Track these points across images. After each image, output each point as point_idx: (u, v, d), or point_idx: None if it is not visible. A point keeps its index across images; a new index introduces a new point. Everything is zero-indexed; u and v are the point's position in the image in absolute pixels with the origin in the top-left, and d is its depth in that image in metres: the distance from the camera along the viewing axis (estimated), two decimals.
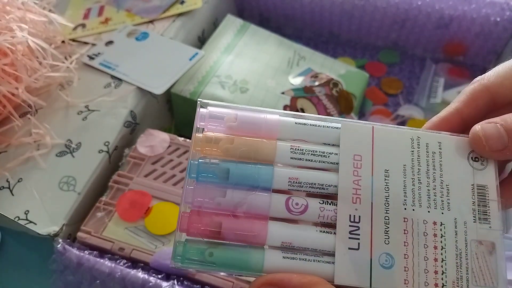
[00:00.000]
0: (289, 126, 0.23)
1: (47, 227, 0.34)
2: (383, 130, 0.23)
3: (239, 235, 0.21)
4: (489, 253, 0.21)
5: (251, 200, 0.21)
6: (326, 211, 0.21)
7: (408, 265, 0.21)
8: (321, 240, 0.21)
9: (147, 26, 0.50)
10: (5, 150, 0.39)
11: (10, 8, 0.41)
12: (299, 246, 0.21)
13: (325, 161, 0.22)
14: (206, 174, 0.21)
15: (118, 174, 0.37)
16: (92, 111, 0.41)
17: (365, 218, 0.21)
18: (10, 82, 0.38)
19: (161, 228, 0.34)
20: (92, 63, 0.45)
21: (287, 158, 0.22)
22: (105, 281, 0.31)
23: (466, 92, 0.24)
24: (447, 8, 0.52)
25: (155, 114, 0.46)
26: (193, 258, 0.20)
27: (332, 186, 0.22)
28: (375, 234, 0.21)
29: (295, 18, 0.59)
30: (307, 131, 0.23)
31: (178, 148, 0.39)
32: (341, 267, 0.20)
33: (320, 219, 0.21)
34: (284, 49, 0.51)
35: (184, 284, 0.31)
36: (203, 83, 0.45)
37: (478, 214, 0.22)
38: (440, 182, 0.22)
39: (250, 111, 0.23)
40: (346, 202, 0.21)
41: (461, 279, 0.21)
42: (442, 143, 0.23)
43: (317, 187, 0.22)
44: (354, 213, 0.21)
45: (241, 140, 0.22)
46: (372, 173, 0.22)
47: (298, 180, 0.22)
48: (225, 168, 0.22)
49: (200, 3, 0.50)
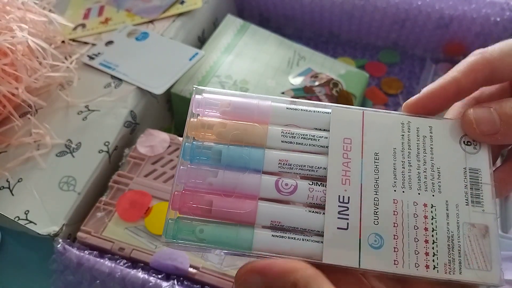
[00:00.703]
0: (280, 111, 0.24)
1: (47, 227, 0.34)
2: (374, 115, 0.23)
3: (229, 213, 0.21)
4: (482, 236, 0.21)
5: (242, 181, 0.22)
6: (315, 192, 0.22)
7: (398, 246, 0.21)
8: (310, 220, 0.21)
9: (147, 26, 0.50)
10: (5, 150, 0.39)
11: (10, 8, 0.41)
12: (288, 226, 0.21)
13: (316, 145, 0.23)
14: (200, 156, 0.22)
15: (118, 174, 0.37)
16: (92, 111, 0.41)
17: (354, 199, 0.21)
18: (10, 82, 0.38)
19: (161, 228, 0.34)
20: (92, 63, 0.45)
21: (278, 141, 0.23)
22: (105, 281, 0.31)
23: (466, 63, 0.23)
24: (447, 8, 0.52)
25: (155, 114, 0.46)
26: (184, 235, 0.21)
27: (322, 168, 0.22)
28: (364, 214, 0.21)
29: (295, 18, 0.59)
30: (298, 116, 0.23)
31: (178, 148, 0.39)
32: (329, 247, 0.20)
33: (310, 199, 0.22)
34: (284, 49, 0.51)
35: (184, 284, 0.31)
36: (203, 83, 0.45)
37: (470, 197, 0.22)
38: (431, 165, 0.22)
39: (243, 97, 0.24)
40: (336, 183, 0.22)
41: (453, 261, 0.21)
42: (433, 127, 0.23)
43: (307, 169, 0.22)
44: (343, 194, 0.21)
45: (234, 124, 0.23)
46: (362, 156, 0.22)
47: (288, 162, 0.22)
48: (217, 150, 0.22)
49: (200, 3, 0.50)
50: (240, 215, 0.21)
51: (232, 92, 0.24)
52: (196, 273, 0.31)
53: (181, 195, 0.21)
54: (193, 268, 0.32)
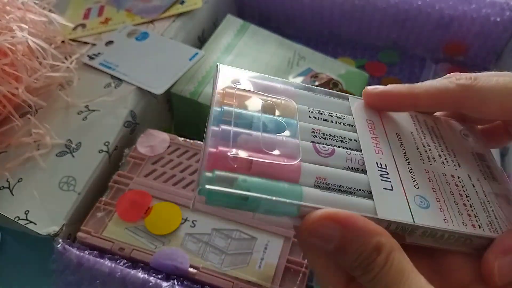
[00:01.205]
0: (303, 94, 0.25)
1: (47, 227, 0.34)
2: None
3: (271, 167, 0.20)
4: (508, 204, 0.23)
5: (279, 141, 0.21)
6: (353, 155, 0.22)
7: (443, 207, 0.21)
8: (355, 179, 0.21)
9: (147, 26, 0.50)
10: (5, 150, 0.39)
11: (10, 8, 0.41)
12: (334, 184, 0.21)
13: (342, 122, 0.24)
14: (230, 119, 0.21)
15: (118, 174, 0.37)
16: (92, 111, 0.41)
17: (391, 166, 0.22)
18: (10, 82, 0.38)
19: (161, 228, 0.34)
20: (92, 63, 0.45)
21: (306, 116, 0.23)
22: (105, 281, 0.31)
23: (438, 87, 0.23)
24: (447, 8, 0.52)
25: (155, 114, 0.46)
26: (223, 187, 0.18)
27: (353, 140, 0.23)
28: (404, 179, 0.22)
29: (295, 18, 0.59)
30: (320, 101, 0.25)
31: (178, 148, 0.39)
32: (381, 203, 0.20)
33: (348, 163, 0.22)
34: (284, 49, 0.51)
35: (184, 284, 0.31)
36: (203, 83, 0.45)
37: (485, 173, 0.24)
38: (445, 147, 0.24)
39: (266, 80, 0.25)
40: (370, 152, 0.22)
41: (493, 223, 0.21)
42: (435, 121, 0.26)
43: (339, 139, 0.23)
44: (380, 161, 0.22)
45: (263, 96, 0.23)
46: (386, 134, 0.24)
47: (320, 131, 0.23)
48: (249, 115, 0.22)
49: (200, 3, 0.50)
50: (283, 169, 0.20)
51: (254, 73, 0.25)
52: (196, 273, 0.32)
53: (216, 153, 0.19)
54: (193, 268, 0.32)
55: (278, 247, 0.33)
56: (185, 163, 0.38)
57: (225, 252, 0.33)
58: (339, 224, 0.18)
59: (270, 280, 0.31)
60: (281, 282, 0.31)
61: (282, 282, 0.31)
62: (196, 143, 0.39)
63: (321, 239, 0.18)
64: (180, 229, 0.34)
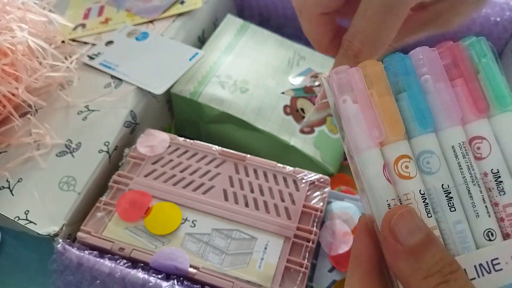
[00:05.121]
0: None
1: (47, 227, 0.34)
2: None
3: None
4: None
5: None
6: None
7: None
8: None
9: (147, 26, 0.50)
10: (5, 150, 0.39)
11: (10, 8, 0.41)
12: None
13: None
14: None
15: (118, 174, 0.37)
16: (92, 111, 0.41)
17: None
18: (10, 82, 0.38)
19: (161, 228, 0.34)
20: (92, 63, 0.45)
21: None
22: (105, 281, 0.31)
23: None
24: None
25: (155, 114, 0.46)
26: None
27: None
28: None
29: (295, 18, 0.59)
30: None
31: (178, 148, 0.39)
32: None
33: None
34: (284, 49, 0.51)
35: (184, 284, 0.31)
36: (203, 83, 0.45)
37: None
38: None
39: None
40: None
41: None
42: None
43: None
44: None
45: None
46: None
47: None
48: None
49: (200, 3, 0.50)
50: None
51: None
52: (196, 273, 0.31)
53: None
54: (193, 268, 0.32)
55: (278, 247, 0.33)
56: (185, 163, 0.38)
57: (225, 252, 0.33)
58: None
59: (270, 280, 0.31)
60: (281, 282, 0.31)
61: (282, 282, 0.31)
62: (196, 143, 0.39)
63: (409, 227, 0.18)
64: (180, 229, 0.34)
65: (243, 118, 0.43)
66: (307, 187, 0.36)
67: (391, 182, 0.20)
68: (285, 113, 0.45)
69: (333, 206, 0.36)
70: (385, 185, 0.20)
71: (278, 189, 0.36)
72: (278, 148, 0.43)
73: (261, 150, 0.43)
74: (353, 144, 0.20)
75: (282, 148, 0.43)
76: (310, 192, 0.36)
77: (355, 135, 0.20)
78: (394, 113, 0.20)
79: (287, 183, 0.37)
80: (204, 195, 0.36)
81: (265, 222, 0.34)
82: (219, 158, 0.38)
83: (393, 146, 0.20)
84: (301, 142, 0.43)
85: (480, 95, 0.21)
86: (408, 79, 0.21)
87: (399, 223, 0.18)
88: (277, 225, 0.34)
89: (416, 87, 0.21)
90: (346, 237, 0.35)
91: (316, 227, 0.34)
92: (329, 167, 0.43)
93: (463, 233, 0.20)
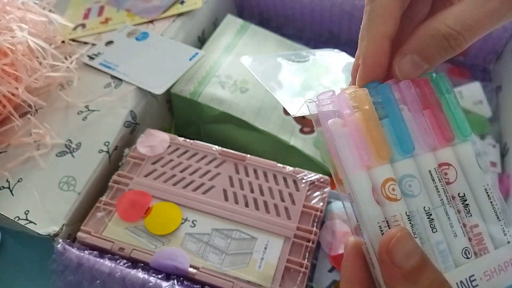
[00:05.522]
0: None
1: (47, 227, 0.34)
2: None
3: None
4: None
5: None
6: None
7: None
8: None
9: (147, 26, 0.50)
10: (5, 150, 0.39)
11: (10, 8, 0.41)
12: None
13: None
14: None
15: (118, 174, 0.37)
16: (92, 111, 0.41)
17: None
18: (10, 82, 0.38)
19: (161, 228, 0.34)
20: (92, 63, 0.45)
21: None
22: (105, 281, 0.31)
23: (377, 10, 0.22)
24: None
25: (155, 114, 0.46)
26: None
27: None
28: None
29: (295, 18, 0.59)
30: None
31: (178, 148, 0.39)
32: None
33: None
34: (284, 49, 0.51)
35: (184, 284, 0.31)
36: (203, 83, 0.45)
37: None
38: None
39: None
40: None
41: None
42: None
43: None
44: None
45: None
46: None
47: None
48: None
49: (200, 3, 0.50)
50: None
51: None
52: (196, 273, 0.32)
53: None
54: (193, 268, 0.32)
55: (278, 247, 0.33)
56: (185, 163, 0.38)
57: (225, 252, 0.33)
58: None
59: (270, 280, 0.31)
60: (281, 282, 0.31)
61: (282, 282, 0.31)
62: (196, 143, 0.39)
63: (403, 253, 0.19)
64: (180, 229, 0.34)
65: (243, 118, 0.43)
66: (307, 187, 0.36)
67: (379, 204, 0.21)
68: (285, 113, 0.45)
69: (333, 206, 0.36)
70: (375, 207, 0.20)
71: (278, 189, 0.36)
72: (278, 148, 0.43)
73: (261, 150, 0.43)
74: (344, 166, 0.21)
75: (282, 148, 0.43)
76: (310, 192, 0.36)
77: (345, 158, 0.21)
78: (381, 137, 0.21)
79: (287, 183, 0.37)
80: (204, 195, 0.36)
81: (265, 222, 0.34)
82: (219, 158, 0.38)
83: (380, 169, 0.21)
84: (301, 142, 0.43)
85: (446, 125, 0.22)
86: (389, 106, 0.22)
87: (396, 247, 0.19)
88: (277, 225, 0.34)
89: (397, 114, 0.22)
90: (346, 237, 0.35)
91: (316, 227, 0.34)
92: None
93: (444, 253, 0.21)
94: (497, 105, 0.52)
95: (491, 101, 0.51)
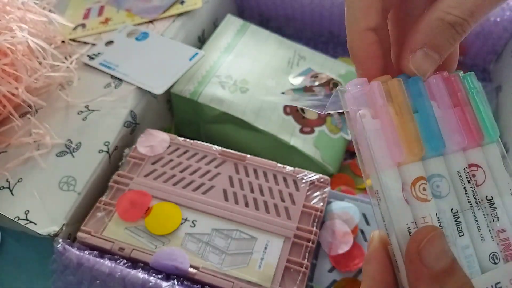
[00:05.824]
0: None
1: (47, 227, 0.34)
2: None
3: None
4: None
5: None
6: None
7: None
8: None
9: (147, 26, 0.50)
10: (5, 150, 0.39)
11: (10, 8, 0.41)
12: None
13: None
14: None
15: (118, 174, 0.37)
16: (92, 111, 0.41)
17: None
18: (10, 82, 0.38)
19: (161, 228, 0.34)
20: (92, 63, 0.45)
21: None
22: (105, 281, 0.31)
23: (357, 2, 0.22)
24: None
25: (155, 114, 0.46)
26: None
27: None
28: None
29: (295, 18, 0.59)
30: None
31: (178, 148, 0.39)
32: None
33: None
34: (284, 49, 0.51)
35: (184, 284, 0.31)
36: (203, 83, 0.45)
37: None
38: None
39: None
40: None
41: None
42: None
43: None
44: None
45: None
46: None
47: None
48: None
49: (200, 3, 0.50)
50: None
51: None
52: (196, 273, 0.32)
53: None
54: (193, 268, 0.32)
55: (278, 247, 0.33)
56: (185, 163, 0.38)
57: (225, 252, 0.33)
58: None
59: (270, 280, 0.31)
60: (281, 282, 0.31)
61: (282, 282, 0.31)
62: (196, 143, 0.39)
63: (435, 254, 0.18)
64: (180, 229, 0.34)
65: (243, 118, 0.43)
66: (307, 187, 0.36)
67: (409, 204, 0.20)
68: (285, 113, 0.45)
69: (333, 206, 0.37)
70: (405, 207, 0.19)
71: (278, 189, 0.36)
72: (278, 148, 0.43)
73: (261, 150, 0.43)
74: (374, 162, 0.20)
75: (282, 148, 0.43)
76: (310, 192, 0.36)
77: (376, 153, 0.20)
78: (415, 132, 0.20)
79: (287, 183, 0.37)
80: (204, 195, 0.36)
81: (265, 222, 0.34)
82: (219, 158, 0.38)
83: (411, 166, 0.20)
84: (301, 142, 0.43)
85: (476, 124, 0.21)
86: (420, 101, 0.21)
87: (427, 246, 0.18)
88: (277, 225, 0.34)
89: (428, 109, 0.20)
90: (346, 237, 0.35)
91: (316, 227, 0.34)
92: (329, 167, 0.43)
93: (471, 257, 0.20)
94: (497, 105, 0.52)
95: (491, 101, 0.51)
